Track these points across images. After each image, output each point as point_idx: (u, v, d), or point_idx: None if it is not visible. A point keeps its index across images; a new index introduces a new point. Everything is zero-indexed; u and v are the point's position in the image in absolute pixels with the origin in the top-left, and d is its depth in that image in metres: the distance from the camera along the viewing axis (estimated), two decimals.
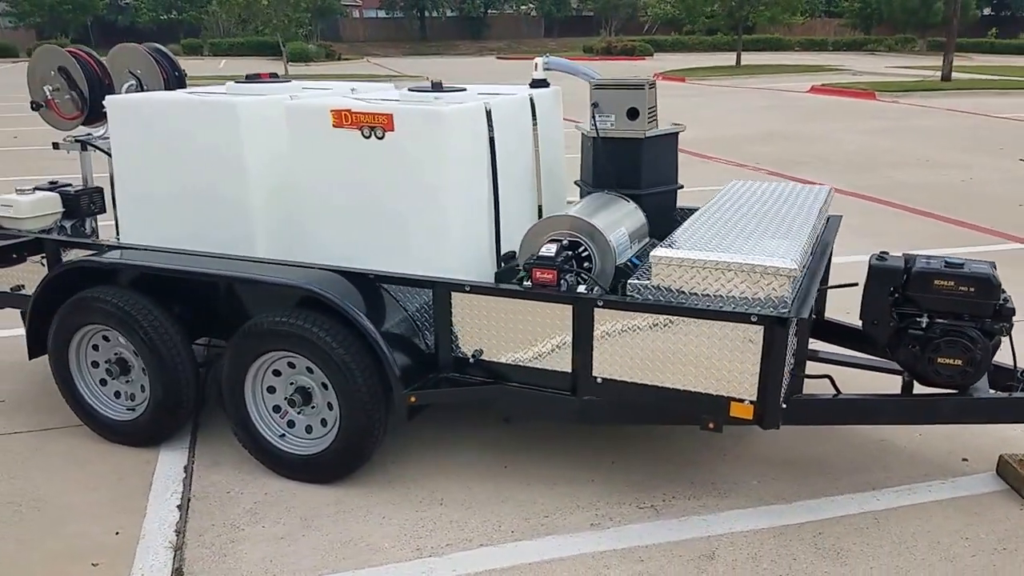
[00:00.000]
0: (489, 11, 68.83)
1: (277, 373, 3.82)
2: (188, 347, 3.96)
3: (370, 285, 3.74)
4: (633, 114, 4.22)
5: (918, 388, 3.62)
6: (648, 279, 3.37)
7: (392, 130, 3.71)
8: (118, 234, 4.48)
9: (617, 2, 52.43)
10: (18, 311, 4.57)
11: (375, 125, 3.73)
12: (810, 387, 3.71)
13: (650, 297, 3.35)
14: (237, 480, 3.86)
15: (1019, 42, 48.02)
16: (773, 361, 3.18)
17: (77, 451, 4.13)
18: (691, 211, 4.67)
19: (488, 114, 3.92)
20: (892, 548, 3.35)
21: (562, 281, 3.47)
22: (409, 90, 4.09)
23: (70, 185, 4.92)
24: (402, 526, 3.51)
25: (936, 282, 3.47)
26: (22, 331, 4.28)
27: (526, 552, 3.33)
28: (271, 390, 3.86)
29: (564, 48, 59.57)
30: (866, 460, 4.00)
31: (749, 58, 37.13)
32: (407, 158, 3.72)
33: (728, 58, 38.46)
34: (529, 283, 3.53)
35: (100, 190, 4.88)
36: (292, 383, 3.80)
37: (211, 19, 50.95)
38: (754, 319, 3.17)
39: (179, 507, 3.66)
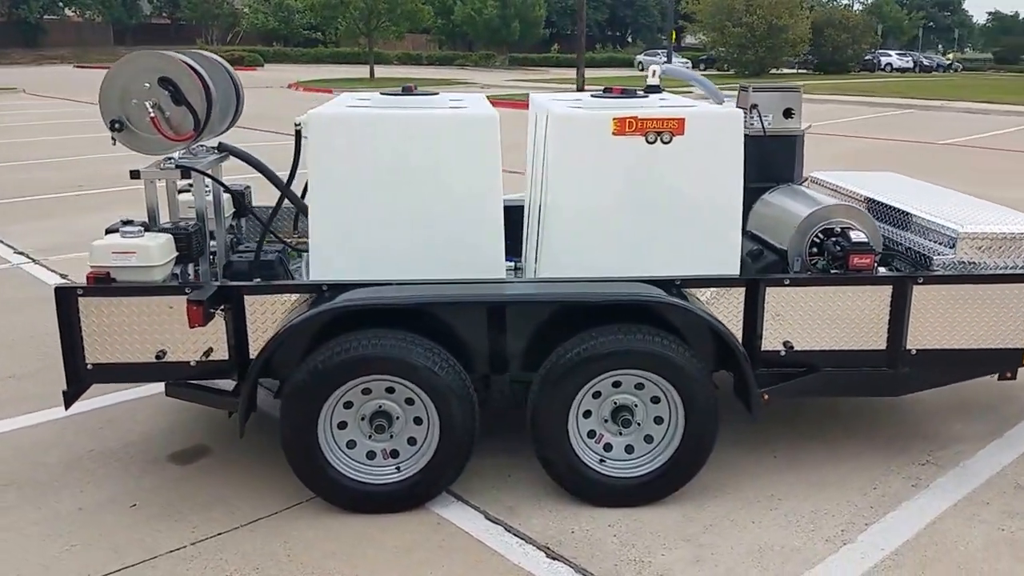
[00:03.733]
0: (46, 16, 61.11)
1: (597, 395, 3.51)
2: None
3: (678, 291, 3.61)
4: (788, 114, 4.56)
5: None
6: (950, 254, 3.78)
7: (682, 134, 3.64)
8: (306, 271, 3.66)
9: (218, 11, 49.89)
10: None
11: (663, 130, 3.64)
12: None
13: (953, 271, 3.76)
14: (559, 519, 3.48)
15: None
16: None
17: (336, 530, 3.36)
18: None
19: None
20: None
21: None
22: (609, 98, 3.97)
23: (144, 223, 3.80)
24: (780, 525, 3.49)
25: None
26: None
27: (907, 519, 3.54)
28: (587, 415, 3.53)
29: None
30: (1007, 399, 4.71)
31: (362, 71, 38.01)
32: (697, 161, 3.68)
33: (343, 71, 39.11)
34: (839, 270, 3.73)
35: (200, 228, 3.85)
36: (614, 403, 3.52)
37: None
38: None
39: (564, 561, 3.21)
